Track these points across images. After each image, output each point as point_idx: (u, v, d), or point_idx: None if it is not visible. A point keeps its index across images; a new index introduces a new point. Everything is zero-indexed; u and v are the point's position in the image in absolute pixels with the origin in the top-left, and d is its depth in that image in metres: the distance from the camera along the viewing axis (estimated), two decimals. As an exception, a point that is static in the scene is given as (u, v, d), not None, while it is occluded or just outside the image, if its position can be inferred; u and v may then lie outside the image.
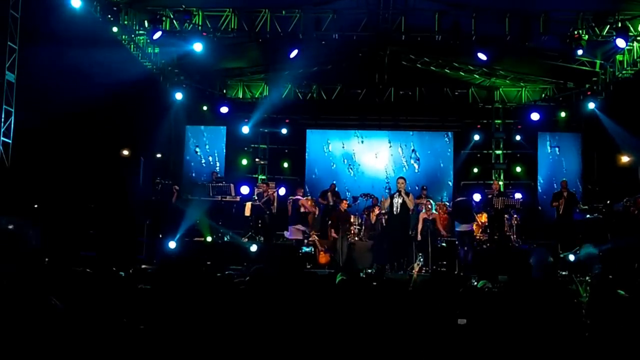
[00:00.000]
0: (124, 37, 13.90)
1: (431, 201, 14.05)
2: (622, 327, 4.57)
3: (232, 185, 15.50)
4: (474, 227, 14.10)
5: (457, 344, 4.25)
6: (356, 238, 14.19)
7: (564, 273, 11.13)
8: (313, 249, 13.47)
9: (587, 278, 9.28)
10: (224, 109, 17.04)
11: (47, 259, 6.81)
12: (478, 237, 14.16)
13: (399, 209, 12.50)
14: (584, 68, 15.32)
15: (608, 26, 12.85)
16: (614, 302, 5.75)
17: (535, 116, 16.79)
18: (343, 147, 18.27)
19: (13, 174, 11.44)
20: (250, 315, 4.36)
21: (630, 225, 12.38)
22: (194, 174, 17.72)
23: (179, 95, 16.35)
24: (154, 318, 4.20)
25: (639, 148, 14.21)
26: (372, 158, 18.16)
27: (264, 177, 18.12)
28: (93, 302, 4.36)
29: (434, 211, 13.51)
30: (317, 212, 14.94)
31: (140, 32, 14.05)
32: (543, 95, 17.66)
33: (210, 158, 17.94)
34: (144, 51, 14.90)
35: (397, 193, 12.59)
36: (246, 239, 14.04)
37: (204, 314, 4.23)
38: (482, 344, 4.17)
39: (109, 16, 12.96)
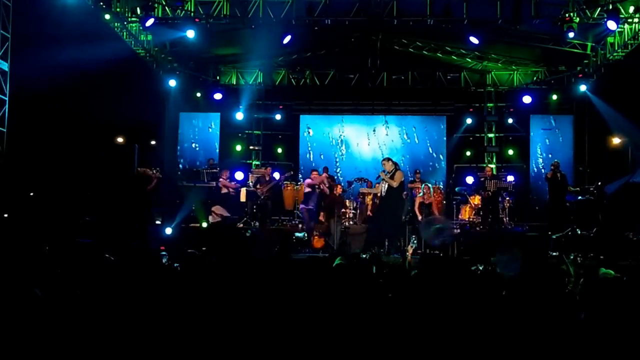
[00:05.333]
0: (116, 24, 13.88)
1: (429, 185, 14.15)
2: (611, 307, 4.68)
3: (226, 171, 15.58)
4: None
5: (450, 326, 4.34)
6: (351, 222, 14.30)
7: (554, 254, 11.27)
8: (306, 234, 13.55)
9: (577, 259, 9.44)
10: (218, 96, 17.06)
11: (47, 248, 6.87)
12: (471, 219, 14.31)
13: (384, 192, 12.63)
14: (576, 51, 15.38)
15: (599, 9, 12.90)
16: (603, 283, 5.87)
17: (527, 99, 16.89)
18: (337, 132, 18.34)
19: (8, 163, 11.49)
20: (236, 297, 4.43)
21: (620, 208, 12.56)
22: (188, 161, 17.77)
23: (172, 82, 16.35)
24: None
25: (630, 129, 14.36)
26: (366, 142, 18.24)
27: (258, 162, 18.19)
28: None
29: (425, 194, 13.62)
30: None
31: (133, 19, 14.02)
32: (535, 78, 17.72)
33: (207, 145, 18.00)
34: (136, 38, 14.87)
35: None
36: (241, 225, 14.14)
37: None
38: (478, 325, 4.25)
39: (101, 3, 12.92)
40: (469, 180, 15.95)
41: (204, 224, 13.87)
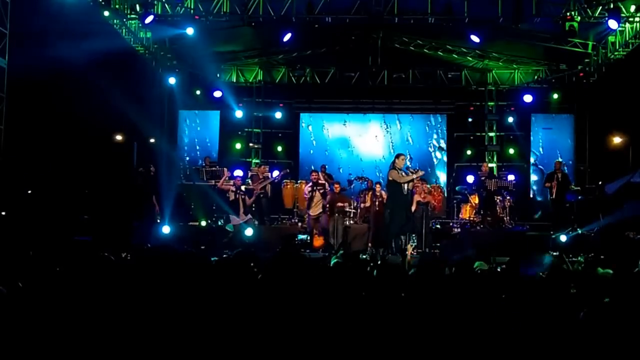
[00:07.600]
0: (115, 21, 13.83)
1: (427, 185, 14.06)
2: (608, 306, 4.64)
3: (225, 169, 15.52)
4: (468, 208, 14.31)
5: (447, 327, 4.30)
6: (351, 221, 14.22)
7: (555, 254, 11.23)
8: (308, 237, 13.46)
9: (579, 258, 9.40)
10: (218, 93, 17.00)
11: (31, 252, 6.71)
12: (471, 218, 14.26)
13: (406, 190, 12.12)
14: (577, 50, 15.33)
15: (600, 7, 12.86)
16: (601, 282, 5.83)
17: (528, 98, 16.86)
18: (337, 130, 18.29)
19: (6, 160, 11.44)
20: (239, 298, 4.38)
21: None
22: (187, 159, 17.73)
23: (172, 80, 16.29)
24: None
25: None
26: (366, 141, 18.19)
27: (257, 160, 18.15)
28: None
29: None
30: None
31: (132, 16, 13.97)
32: (536, 77, 17.69)
33: (206, 143, 17.95)
34: (136, 35, 14.83)
35: (408, 171, 12.22)
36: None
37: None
38: (477, 325, 4.21)
39: (100, 0, 12.88)
40: (470, 179, 15.87)
41: (203, 223, 13.81)
